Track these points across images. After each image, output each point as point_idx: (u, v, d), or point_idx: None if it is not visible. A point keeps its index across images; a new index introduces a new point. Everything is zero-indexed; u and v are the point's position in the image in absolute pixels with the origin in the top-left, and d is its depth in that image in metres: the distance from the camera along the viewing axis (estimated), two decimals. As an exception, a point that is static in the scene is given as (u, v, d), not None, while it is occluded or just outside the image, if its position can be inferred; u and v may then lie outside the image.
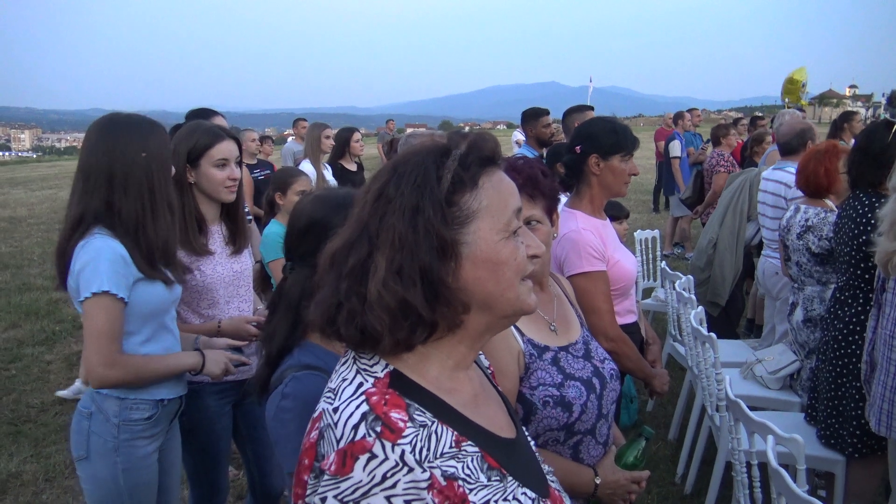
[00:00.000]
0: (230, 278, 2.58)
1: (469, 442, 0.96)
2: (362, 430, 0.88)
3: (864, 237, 2.93)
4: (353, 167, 6.31)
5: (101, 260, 1.96)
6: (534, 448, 1.19)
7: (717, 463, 3.36)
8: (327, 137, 6.04)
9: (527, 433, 1.22)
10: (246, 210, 2.83)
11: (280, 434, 1.45)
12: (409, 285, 0.93)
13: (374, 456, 0.86)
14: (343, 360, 1.03)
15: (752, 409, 2.59)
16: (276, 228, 3.51)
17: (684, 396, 4.44)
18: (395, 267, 0.93)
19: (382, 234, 0.95)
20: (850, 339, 3.03)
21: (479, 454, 0.96)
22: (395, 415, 0.91)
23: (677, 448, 4.18)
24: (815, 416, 3.22)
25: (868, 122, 6.84)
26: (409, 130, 16.62)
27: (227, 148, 2.53)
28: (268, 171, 6.56)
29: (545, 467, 1.17)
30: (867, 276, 2.97)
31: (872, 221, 2.89)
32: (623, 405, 3.94)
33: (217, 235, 2.60)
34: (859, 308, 3.02)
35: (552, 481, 1.14)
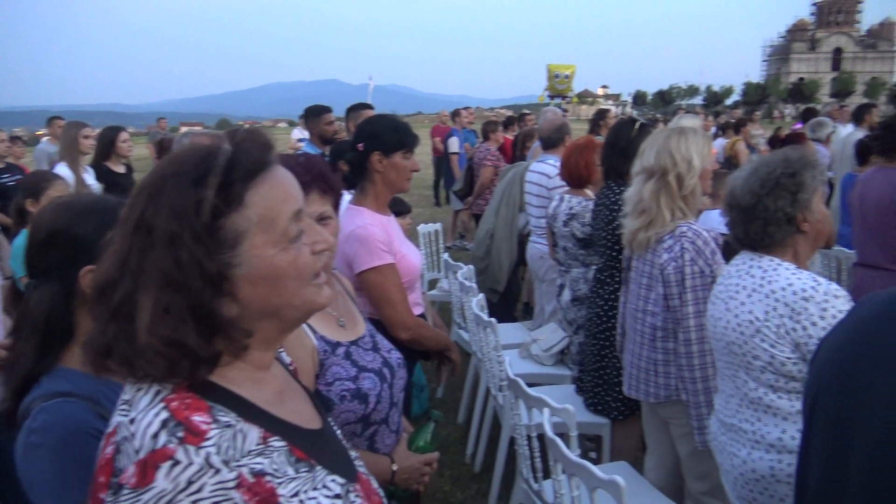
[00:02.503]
0: (-28, 297, 2.28)
1: (275, 437, 0.95)
2: (163, 437, 0.84)
3: (617, 222, 3.28)
4: (120, 169, 5.83)
5: None
6: (340, 436, 1.20)
7: (502, 439, 3.59)
8: (86, 137, 5.49)
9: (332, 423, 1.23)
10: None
11: (32, 475, 1.28)
12: (180, 325, 0.88)
13: (177, 462, 0.82)
14: None
15: (530, 385, 2.79)
16: (29, 240, 3.15)
17: (470, 380, 4.68)
18: (161, 307, 0.88)
19: (144, 272, 0.88)
20: (610, 314, 3.38)
21: (287, 448, 0.96)
22: (198, 418, 0.88)
23: (466, 430, 4.40)
24: (583, 387, 3.55)
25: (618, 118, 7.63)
26: (183, 129, 15.69)
27: None
28: (18, 176, 5.91)
29: (352, 453, 1.18)
30: (621, 257, 3.33)
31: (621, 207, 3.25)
32: (414, 394, 4.06)
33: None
34: (616, 286, 3.38)
35: (359, 466, 1.17)
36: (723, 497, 2.39)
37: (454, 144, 10.67)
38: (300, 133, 11.32)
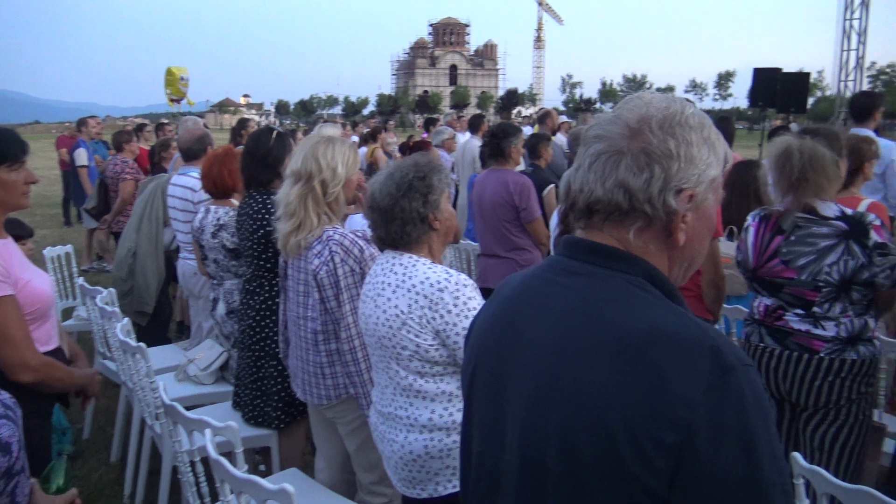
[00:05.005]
0: None
1: None
2: None
3: (262, 231, 3.27)
4: None
5: None
6: None
7: (164, 470, 3.35)
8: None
9: None
10: None
11: None
12: None
13: None
14: None
15: (192, 408, 2.66)
16: None
17: (122, 413, 4.28)
18: None
19: None
20: (263, 324, 3.36)
21: None
22: None
23: (122, 469, 4.01)
24: (241, 401, 3.47)
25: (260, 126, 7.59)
26: None
27: None
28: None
29: None
30: (269, 266, 3.33)
31: (267, 217, 3.26)
32: (55, 439, 3.58)
33: None
34: (266, 295, 3.37)
35: None
36: (390, 485, 2.54)
37: (82, 157, 9.62)
38: None
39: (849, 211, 2.77)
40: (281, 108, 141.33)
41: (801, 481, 2.09)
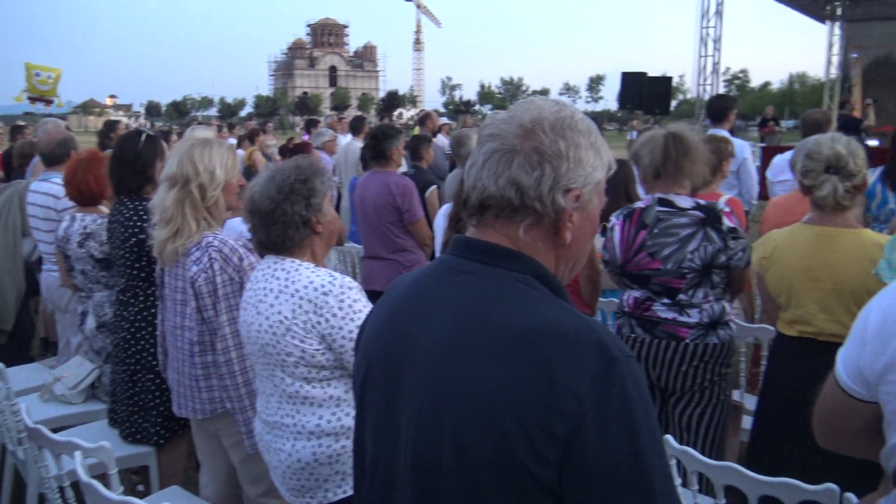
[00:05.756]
0: None
1: None
2: None
3: (134, 239, 3.11)
4: None
5: None
6: None
7: (29, 499, 3.12)
8: None
9: None
10: None
11: None
12: None
13: None
14: None
15: (60, 429, 2.49)
16: None
17: (-20, 441, 3.95)
18: None
19: None
20: (139, 335, 3.20)
21: None
22: None
23: (-20, 500, 3.71)
24: (117, 418, 3.30)
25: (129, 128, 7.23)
26: None
27: None
28: None
29: None
30: (144, 275, 3.18)
31: (140, 224, 3.11)
32: None
33: None
34: (142, 306, 3.21)
35: None
36: (278, 496, 2.48)
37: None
38: None
39: (702, 202, 2.99)
40: (152, 109, 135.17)
41: (674, 462, 2.23)
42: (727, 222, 2.89)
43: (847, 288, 2.62)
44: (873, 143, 10.12)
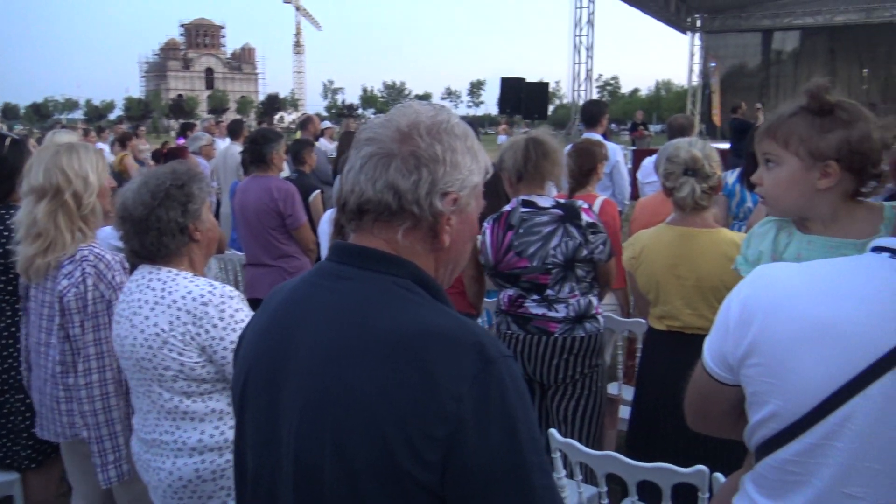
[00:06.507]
0: None
1: None
2: None
3: (1, 250, 2.90)
4: None
5: None
6: None
7: None
8: None
9: None
10: None
11: None
12: None
13: None
14: None
15: None
16: None
17: None
18: None
19: None
20: (5, 354, 2.98)
21: None
22: None
23: None
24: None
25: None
26: None
27: None
28: None
29: None
30: (10, 289, 2.97)
31: (7, 234, 2.90)
32: None
33: None
34: (8, 322, 3.00)
35: None
36: (158, 516, 2.38)
37: None
38: None
39: (561, 200, 3.19)
40: (8, 111, 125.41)
41: (558, 454, 2.32)
42: (586, 218, 3.06)
43: (707, 284, 2.81)
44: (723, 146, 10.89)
